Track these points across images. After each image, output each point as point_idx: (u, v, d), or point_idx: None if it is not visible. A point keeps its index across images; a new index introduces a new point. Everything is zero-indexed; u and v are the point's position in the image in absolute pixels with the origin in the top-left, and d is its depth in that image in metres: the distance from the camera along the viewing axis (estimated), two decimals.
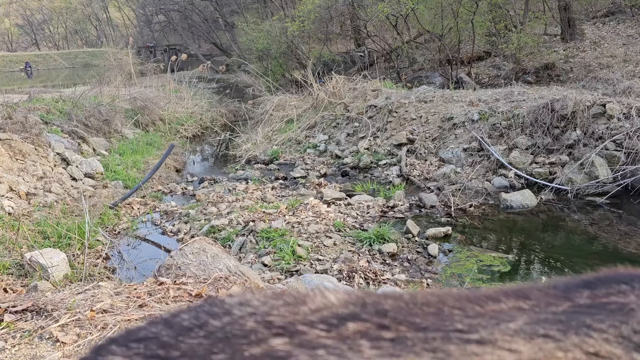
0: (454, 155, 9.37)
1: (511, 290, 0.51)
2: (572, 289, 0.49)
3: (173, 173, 10.83)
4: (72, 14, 63.66)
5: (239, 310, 0.53)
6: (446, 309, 0.48)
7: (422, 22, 17.77)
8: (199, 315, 0.54)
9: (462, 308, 0.47)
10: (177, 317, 0.55)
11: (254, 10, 33.91)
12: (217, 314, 0.53)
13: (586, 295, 0.47)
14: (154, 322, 0.55)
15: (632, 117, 8.01)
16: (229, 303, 0.56)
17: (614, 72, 12.29)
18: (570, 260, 6.06)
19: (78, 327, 2.50)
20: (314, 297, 0.54)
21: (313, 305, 0.52)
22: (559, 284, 0.51)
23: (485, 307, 0.47)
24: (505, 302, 0.48)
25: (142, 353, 0.49)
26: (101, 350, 0.53)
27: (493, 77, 16.41)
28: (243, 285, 3.06)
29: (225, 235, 6.77)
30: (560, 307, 0.46)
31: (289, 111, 13.91)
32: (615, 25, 18.06)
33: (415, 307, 0.49)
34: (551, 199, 7.81)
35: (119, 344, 0.52)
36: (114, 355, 0.51)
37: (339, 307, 0.51)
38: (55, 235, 6.40)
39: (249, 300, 0.55)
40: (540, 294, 0.49)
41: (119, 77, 16.95)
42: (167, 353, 0.48)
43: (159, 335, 0.52)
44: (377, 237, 6.39)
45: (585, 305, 0.45)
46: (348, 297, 0.53)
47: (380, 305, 0.49)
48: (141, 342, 0.51)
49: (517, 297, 0.49)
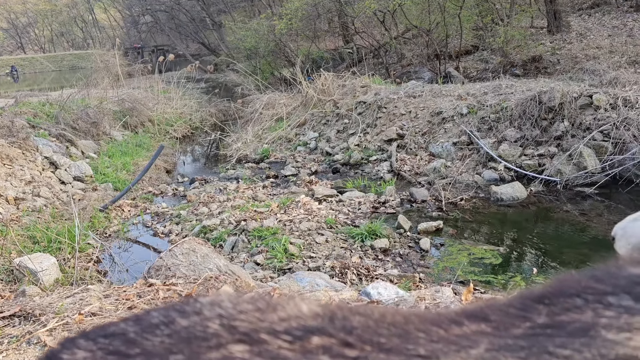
0: (444, 149, 9.39)
1: (474, 311, 0.51)
2: (529, 307, 0.48)
3: (163, 174, 10.78)
4: (58, 17, 63.11)
5: (208, 311, 0.52)
6: (412, 330, 0.47)
7: (409, 17, 17.78)
8: (169, 313, 0.54)
9: (426, 331, 0.47)
10: (149, 314, 0.56)
11: (241, 9, 33.81)
12: (187, 313, 0.53)
13: (544, 313, 0.47)
14: (127, 318, 0.56)
15: (618, 108, 8.06)
16: (201, 302, 0.56)
17: (600, 63, 12.37)
18: (560, 251, 6.10)
19: (66, 332, 2.48)
20: (286, 304, 0.54)
21: (283, 314, 0.51)
22: (516, 302, 0.50)
23: (449, 331, 0.47)
24: (468, 326, 0.47)
25: (106, 348, 0.50)
26: (68, 344, 0.54)
27: (481, 70, 16.46)
28: (234, 284, 3.05)
29: (217, 235, 6.75)
30: (520, 329, 0.45)
31: (278, 109, 13.88)
32: (600, 17, 18.17)
33: (382, 326, 0.48)
34: (541, 190, 7.86)
35: (88, 339, 0.53)
36: (78, 349, 0.52)
37: (308, 319, 0.50)
38: (45, 240, 6.35)
39: (220, 301, 0.55)
40: (500, 315, 0.48)
41: (107, 79, 16.84)
42: (127, 349, 0.49)
43: (126, 331, 0.52)
44: (369, 233, 6.40)
45: (544, 325, 0.45)
46: (319, 309, 0.53)
47: (348, 322, 0.49)
48: (108, 337, 0.52)
49: (479, 320, 0.48)
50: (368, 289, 3.06)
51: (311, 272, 5.08)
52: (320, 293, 3.05)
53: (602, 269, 0.53)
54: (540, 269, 5.66)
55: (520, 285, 5.22)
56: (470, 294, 2.85)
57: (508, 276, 5.56)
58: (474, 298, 2.86)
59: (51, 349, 0.55)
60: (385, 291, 2.96)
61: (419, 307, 2.61)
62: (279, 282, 4.17)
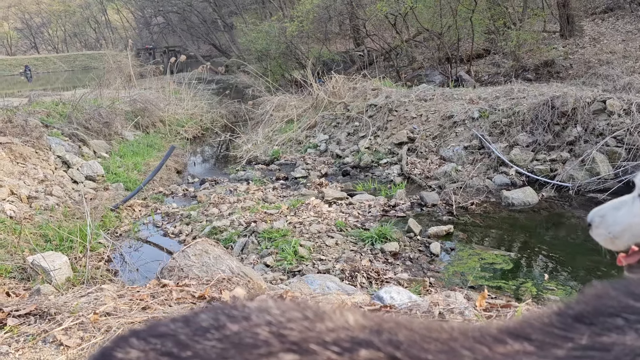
0: (455, 153, 9.36)
1: (515, 329, 0.50)
2: (570, 327, 0.48)
3: (174, 174, 10.83)
4: (71, 17, 63.66)
5: (257, 317, 0.53)
6: (457, 347, 0.47)
7: (421, 20, 17.75)
8: (218, 316, 0.54)
9: (471, 349, 0.47)
10: (198, 316, 0.56)
11: (252, 10, 33.90)
12: (236, 318, 0.53)
13: (586, 334, 0.46)
14: (175, 319, 0.57)
15: (632, 113, 8.00)
16: (249, 307, 0.56)
17: (613, 68, 12.27)
18: (572, 257, 6.05)
19: (82, 331, 2.50)
20: (332, 314, 0.54)
21: (330, 324, 0.52)
22: (556, 320, 0.50)
23: (493, 349, 0.47)
24: (512, 345, 0.47)
25: (158, 349, 0.51)
26: (121, 342, 0.55)
27: (493, 74, 16.39)
28: (246, 286, 3.06)
29: (227, 236, 6.77)
30: (563, 350, 0.45)
31: (289, 111, 13.91)
32: (614, 21, 18.04)
33: (428, 342, 0.48)
34: (552, 196, 7.80)
35: (139, 338, 0.54)
36: (131, 348, 0.53)
37: (355, 330, 0.50)
38: (57, 239, 6.40)
39: (269, 307, 0.55)
40: (542, 334, 0.48)
41: (119, 79, 16.95)
42: (180, 352, 0.50)
43: (176, 333, 0.53)
44: (379, 236, 6.39)
45: (587, 347, 0.45)
46: (365, 320, 0.53)
47: (395, 335, 0.49)
48: (159, 338, 0.53)
49: (521, 339, 0.48)
50: (381, 292, 3.05)
51: (321, 275, 5.08)
52: (332, 296, 3.05)
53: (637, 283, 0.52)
54: (551, 275, 5.62)
55: (532, 292, 5.18)
56: (484, 299, 2.84)
57: (519, 282, 5.52)
58: (488, 304, 2.86)
59: (104, 347, 0.56)
60: (398, 295, 2.95)
61: (433, 312, 2.61)
62: (289, 285, 4.17)
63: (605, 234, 1.25)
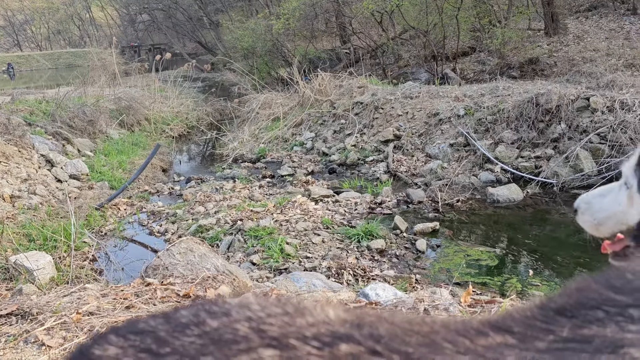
0: (441, 150, 9.40)
1: (497, 322, 0.50)
2: (551, 319, 0.48)
3: (159, 173, 10.76)
4: (55, 14, 62.86)
5: (237, 313, 0.52)
6: (439, 340, 0.47)
7: (407, 18, 17.80)
8: (199, 313, 0.54)
9: (453, 341, 0.47)
10: (178, 312, 0.56)
11: (238, 8, 33.74)
12: (216, 314, 0.53)
13: (567, 327, 0.47)
14: (156, 315, 0.56)
15: (615, 110, 8.09)
16: (229, 303, 0.56)
17: (597, 66, 12.41)
18: (556, 253, 6.11)
19: (64, 331, 2.47)
20: (312, 309, 0.54)
21: (311, 319, 0.51)
22: (538, 313, 0.50)
23: (475, 342, 0.47)
24: (493, 337, 0.47)
25: (137, 346, 0.50)
26: (99, 339, 0.54)
27: (478, 72, 16.49)
28: (231, 284, 3.05)
29: (213, 235, 6.74)
30: (545, 342, 0.45)
31: (275, 109, 13.87)
32: (597, 19, 18.23)
33: (410, 335, 0.48)
34: (537, 192, 7.88)
35: (118, 335, 0.54)
36: (110, 344, 0.52)
37: (336, 325, 0.50)
38: (40, 238, 6.33)
39: (249, 303, 0.55)
40: (524, 327, 0.48)
41: (103, 77, 16.78)
42: (158, 348, 0.49)
43: (156, 329, 0.52)
44: (365, 233, 6.40)
45: (568, 339, 0.45)
46: (346, 314, 0.53)
47: (376, 329, 0.48)
48: (138, 334, 0.52)
49: (503, 331, 0.48)
50: (366, 290, 3.06)
51: (307, 273, 5.07)
52: (318, 294, 3.05)
53: (618, 276, 0.53)
54: (535, 271, 5.68)
55: (517, 288, 5.23)
56: (469, 295, 2.86)
57: (504, 278, 5.57)
58: (473, 300, 2.87)
59: (82, 344, 0.56)
60: (383, 292, 2.96)
61: (418, 308, 2.62)
62: (275, 282, 4.16)
63: (591, 220, 1.26)
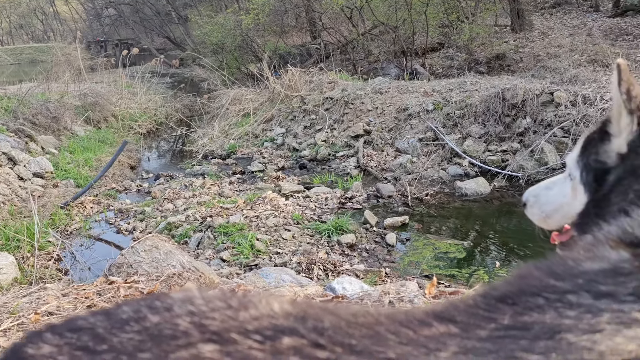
0: (410, 145, 9.48)
1: (441, 311, 0.50)
2: (493, 307, 0.49)
3: (127, 170, 10.57)
4: (17, 8, 61.06)
5: (179, 308, 0.51)
6: (382, 331, 0.47)
7: (376, 14, 17.87)
8: (140, 308, 0.53)
9: (396, 332, 0.47)
10: (119, 308, 0.55)
11: (207, 3, 33.33)
12: (157, 309, 0.52)
13: (508, 314, 0.47)
14: (97, 312, 0.55)
15: (578, 105, 8.29)
16: (172, 298, 0.54)
17: (561, 62, 12.67)
18: (522, 245, 6.24)
19: (21, 332, 2.40)
20: (257, 303, 0.53)
21: (255, 312, 0.50)
22: (481, 302, 0.50)
23: (418, 332, 0.47)
24: (437, 327, 0.47)
25: (73, 343, 0.49)
26: (34, 337, 0.52)
27: (446, 67, 16.68)
28: (197, 281, 3.02)
29: (182, 232, 6.67)
30: (486, 330, 0.45)
31: (245, 105, 13.78)
32: (562, 16, 18.64)
33: (354, 327, 0.48)
34: (504, 185, 8.02)
35: (54, 332, 0.52)
36: (44, 343, 0.51)
37: (280, 318, 0.49)
38: (2, 238, 6.16)
39: (192, 298, 0.54)
40: (466, 316, 0.49)
41: (68, 72, 16.37)
42: (95, 345, 0.48)
43: (94, 326, 0.51)
44: (335, 228, 6.42)
45: (509, 326, 0.45)
46: (291, 307, 0.52)
47: (319, 322, 0.48)
48: (76, 332, 0.51)
49: (446, 321, 0.48)
50: (333, 284, 3.07)
51: (277, 268, 5.06)
52: (286, 288, 3.04)
53: (559, 263, 0.53)
54: (502, 262, 5.79)
55: (484, 279, 5.32)
56: (434, 287, 2.89)
57: (472, 270, 5.66)
58: (438, 291, 2.91)
59: (16, 343, 0.54)
60: (350, 286, 2.97)
61: (383, 301, 2.64)
62: (244, 279, 4.14)
63: (539, 213, 1.28)
